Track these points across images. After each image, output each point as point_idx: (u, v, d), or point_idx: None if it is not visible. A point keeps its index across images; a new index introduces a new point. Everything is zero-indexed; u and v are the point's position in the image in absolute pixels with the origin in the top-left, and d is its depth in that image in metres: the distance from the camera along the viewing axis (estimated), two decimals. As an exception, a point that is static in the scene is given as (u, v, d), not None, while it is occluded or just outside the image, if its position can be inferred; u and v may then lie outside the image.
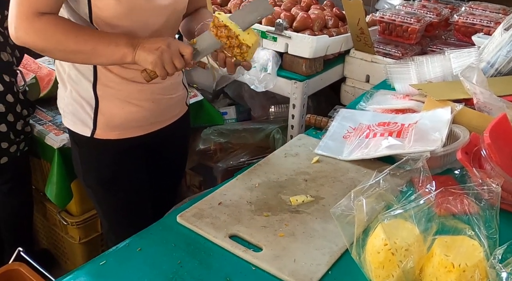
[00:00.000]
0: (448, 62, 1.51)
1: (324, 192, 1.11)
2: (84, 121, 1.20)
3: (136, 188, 1.32)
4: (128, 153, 1.27)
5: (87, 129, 1.20)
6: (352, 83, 2.01)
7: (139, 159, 1.32)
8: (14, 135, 1.59)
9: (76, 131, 1.22)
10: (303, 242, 0.95)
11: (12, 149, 1.60)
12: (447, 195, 0.83)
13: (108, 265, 0.90)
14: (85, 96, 1.18)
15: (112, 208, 1.33)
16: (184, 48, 1.04)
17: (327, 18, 1.99)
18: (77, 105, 1.19)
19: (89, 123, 1.20)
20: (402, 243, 0.78)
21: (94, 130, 1.20)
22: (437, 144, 1.11)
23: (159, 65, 1.01)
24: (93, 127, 1.20)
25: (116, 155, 1.26)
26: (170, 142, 1.38)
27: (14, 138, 1.59)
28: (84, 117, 1.20)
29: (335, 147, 1.28)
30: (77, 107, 1.20)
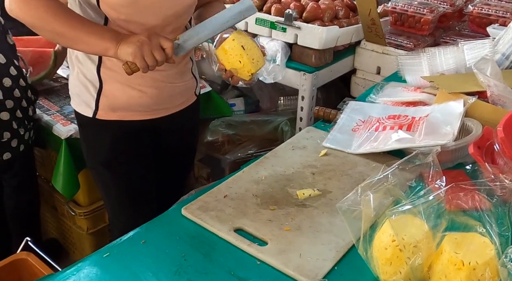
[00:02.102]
0: (461, 54, 1.47)
1: (331, 186, 1.09)
2: (87, 102, 1.22)
3: (138, 173, 1.33)
4: (129, 135, 1.28)
5: (89, 110, 1.23)
6: (363, 75, 1.97)
7: (142, 144, 1.32)
8: (27, 121, 1.60)
9: (80, 112, 1.25)
10: (309, 236, 0.93)
11: (26, 136, 1.61)
12: (458, 191, 0.80)
13: (112, 257, 0.89)
14: (90, 77, 1.20)
15: (114, 191, 1.34)
16: (165, 41, 1.05)
17: (338, 8, 1.95)
18: (82, 86, 1.22)
19: (92, 104, 1.22)
20: (411, 239, 0.76)
21: (96, 110, 1.22)
22: (448, 138, 1.09)
23: (139, 56, 1.03)
24: (95, 108, 1.22)
25: (117, 136, 1.27)
26: (176, 131, 1.38)
27: (27, 125, 1.60)
28: (88, 98, 1.22)
29: (343, 140, 1.26)
30: (82, 89, 1.22)
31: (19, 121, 1.55)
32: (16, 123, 1.54)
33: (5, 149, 1.55)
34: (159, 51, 1.04)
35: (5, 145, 1.54)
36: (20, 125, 1.56)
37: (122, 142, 1.29)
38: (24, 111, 1.57)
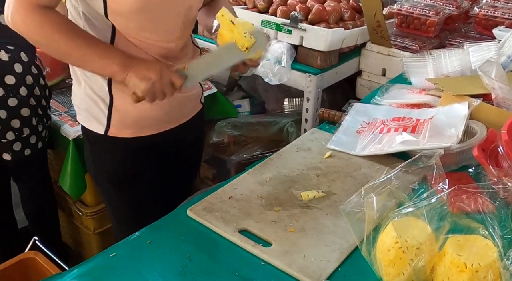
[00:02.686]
0: (466, 56, 1.47)
1: (336, 188, 1.10)
2: (98, 118, 1.18)
3: (147, 189, 1.30)
4: (140, 152, 1.25)
5: (100, 126, 1.19)
6: (368, 76, 1.98)
7: (152, 159, 1.30)
8: (46, 118, 1.62)
9: (90, 128, 1.21)
10: (313, 238, 0.94)
11: (43, 134, 1.63)
12: (461, 193, 0.81)
13: (118, 257, 0.91)
14: (99, 93, 1.15)
15: (122, 206, 1.31)
16: (175, 79, 1.04)
17: (343, 10, 1.96)
18: (91, 101, 1.18)
19: (103, 120, 1.18)
20: (413, 241, 0.77)
21: (107, 127, 1.18)
22: (452, 140, 1.09)
23: (150, 94, 1.02)
24: (106, 125, 1.18)
25: (129, 154, 1.24)
26: (183, 141, 1.35)
27: (45, 122, 1.62)
28: (98, 114, 1.18)
29: (348, 142, 1.26)
30: (91, 104, 1.18)
31: (39, 118, 1.58)
32: (36, 120, 1.57)
33: (26, 145, 1.57)
34: (170, 89, 1.03)
35: (25, 141, 1.56)
36: (40, 122, 1.59)
37: (133, 160, 1.25)
38: (43, 109, 1.60)
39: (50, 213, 1.88)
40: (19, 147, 1.55)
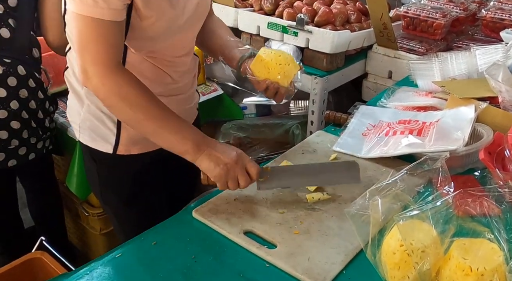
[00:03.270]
0: (473, 59, 1.46)
1: (341, 190, 1.10)
2: (105, 137, 1.13)
3: (155, 205, 1.27)
4: (148, 166, 1.22)
5: (108, 146, 1.13)
6: (374, 79, 1.97)
7: (158, 171, 1.27)
8: (41, 131, 1.62)
9: (96, 148, 1.15)
10: (318, 240, 0.94)
11: (39, 145, 1.64)
12: (466, 197, 0.81)
13: (124, 258, 0.91)
14: (106, 110, 1.09)
15: (131, 223, 1.26)
16: (251, 167, 0.99)
17: (350, 12, 1.95)
18: (96, 120, 1.12)
19: (111, 139, 1.13)
20: (419, 244, 0.77)
21: (116, 146, 1.13)
22: (458, 143, 1.09)
23: (222, 180, 0.98)
24: (115, 143, 1.13)
25: (138, 170, 1.20)
26: None
27: (41, 135, 1.63)
28: (105, 133, 1.13)
29: (353, 144, 1.26)
30: (96, 123, 1.12)
31: (32, 131, 1.58)
32: (28, 133, 1.57)
33: (12, 156, 1.57)
34: (245, 177, 0.98)
35: (12, 152, 1.57)
36: (33, 134, 1.59)
37: (142, 176, 1.22)
38: (39, 122, 1.60)
39: (56, 214, 1.90)
40: (2, 157, 1.55)
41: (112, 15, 0.93)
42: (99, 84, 0.95)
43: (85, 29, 0.93)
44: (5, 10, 1.44)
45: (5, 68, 1.46)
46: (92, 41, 0.93)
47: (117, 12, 0.93)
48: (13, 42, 1.47)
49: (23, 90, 1.52)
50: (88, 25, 0.92)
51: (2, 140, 1.52)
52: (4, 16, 1.44)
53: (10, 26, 1.46)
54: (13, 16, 1.46)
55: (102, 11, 0.91)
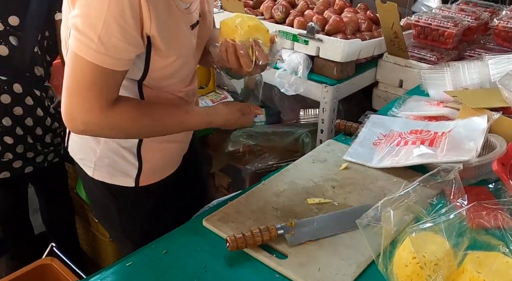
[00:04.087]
0: (486, 69, 1.45)
1: (352, 200, 1.09)
2: (126, 171, 1.10)
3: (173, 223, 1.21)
4: (165, 192, 1.20)
5: (129, 179, 1.10)
6: (385, 87, 1.97)
7: (172, 195, 1.25)
8: (41, 146, 1.63)
9: (115, 183, 1.11)
10: (329, 251, 0.94)
11: (38, 159, 1.65)
12: (481, 209, 0.80)
13: (135, 266, 0.91)
14: (126, 144, 1.07)
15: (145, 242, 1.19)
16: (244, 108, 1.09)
17: (361, 21, 1.95)
18: (115, 156, 1.08)
19: (132, 173, 1.10)
20: (431, 257, 0.76)
21: (138, 178, 1.10)
22: (471, 154, 1.08)
23: None
24: (136, 176, 1.10)
25: (157, 197, 1.18)
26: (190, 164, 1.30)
27: (41, 149, 1.64)
28: (126, 167, 1.09)
29: (364, 154, 1.26)
30: (115, 158, 1.08)
31: (29, 146, 1.59)
32: (25, 148, 1.58)
33: (4, 168, 1.59)
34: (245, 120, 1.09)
35: (5, 164, 1.58)
36: (30, 149, 1.60)
37: (161, 202, 1.20)
38: (38, 138, 1.60)
39: (67, 221, 1.91)
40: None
41: (121, 65, 0.88)
42: (96, 129, 0.91)
43: (86, 74, 0.86)
44: (5, 28, 1.46)
45: None
46: (90, 88, 0.86)
47: (128, 63, 0.89)
48: (11, 60, 1.49)
49: (17, 107, 1.52)
50: (91, 71, 0.85)
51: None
52: (5, 34, 1.46)
53: (10, 44, 1.47)
54: (15, 34, 1.47)
55: (112, 61, 0.85)
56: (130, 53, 0.88)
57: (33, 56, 1.53)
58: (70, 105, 0.88)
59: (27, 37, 1.49)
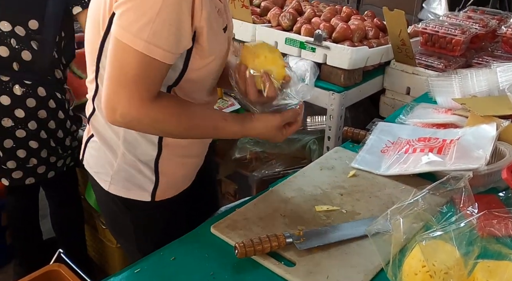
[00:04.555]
0: (494, 76, 1.45)
1: (360, 208, 1.09)
2: (142, 185, 1.08)
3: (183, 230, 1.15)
4: (179, 206, 1.18)
5: (145, 194, 1.08)
6: (392, 95, 1.97)
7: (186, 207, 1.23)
8: (62, 150, 1.65)
9: (131, 197, 1.09)
10: (337, 258, 0.93)
11: (59, 163, 1.66)
12: (491, 218, 0.79)
13: (143, 273, 0.91)
14: (144, 158, 1.05)
15: None
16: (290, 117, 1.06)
17: (368, 29, 1.96)
18: (133, 170, 1.06)
19: (149, 187, 1.08)
20: (441, 265, 0.75)
21: (154, 193, 1.08)
22: (480, 162, 1.07)
23: None
24: (152, 191, 1.08)
25: (172, 211, 1.17)
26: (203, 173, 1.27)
27: (62, 153, 1.65)
28: (142, 182, 1.07)
29: (372, 161, 1.26)
30: (132, 172, 1.06)
31: (51, 150, 1.61)
32: (48, 152, 1.60)
33: (30, 174, 1.61)
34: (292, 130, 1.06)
35: (30, 170, 1.60)
36: (53, 153, 1.62)
37: (175, 216, 1.18)
38: (59, 141, 1.62)
39: (77, 227, 1.92)
40: (20, 175, 1.59)
41: (169, 58, 0.86)
42: (136, 123, 0.89)
43: (131, 64, 0.84)
44: (27, 32, 1.48)
45: (24, 89, 1.50)
46: (135, 80, 0.85)
47: (174, 56, 0.88)
48: (34, 64, 1.50)
49: (42, 111, 1.55)
50: (137, 62, 0.84)
51: (20, 159, 1.56)
52: (26, 38, 1.48)
53: (32, 48, 1.49)
54: (35, 38, 1.49)
55: (162, 53, 0.84)
56: (178, 45, 0.87)
57: (53, 59, 1.55)
58: (112, 95, 0.86)
59: (46, 40, 1.51)
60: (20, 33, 1.46)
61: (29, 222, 1.87)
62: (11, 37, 1.45)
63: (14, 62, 1.48)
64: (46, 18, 1.48)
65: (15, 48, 1.46)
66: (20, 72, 1.49)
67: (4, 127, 1.51)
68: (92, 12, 0.96)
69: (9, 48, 1.46)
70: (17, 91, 1.49)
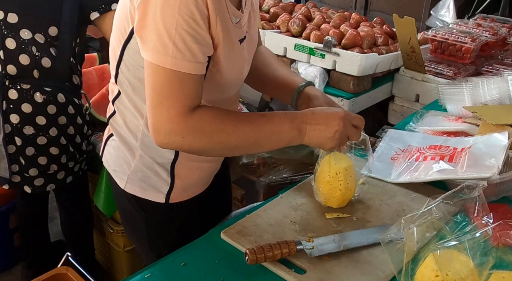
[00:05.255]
0: (505, 84, 1.44)
1: (370, 215, 1.08)
2: (157, 187, 1.08)
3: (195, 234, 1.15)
4: (194, 209, 1.19)
5: (160, 195, 1.09)
6: (401, 102, 1.96)
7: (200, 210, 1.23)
8: (79, 154, 1.66)
9: (146, 198, 1.09)
10: (347, 266, 0.93)
11: (76, 168, 1.68)
12: (507, 228, 0.78)
13: (153, 278, 0.92)
14: (161, 161, 1.06)
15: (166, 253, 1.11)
16: (357, 119, 0.99)
17: (377, 35, 1.96)
18: (149, 171, 1.07)
19: (164, 189, 1.09)
20: (455, 275, 0.75)
21: (169, 195, 1.09)
22: (492, 171, 1.06)
23: (336, 146, 0.98)
24: (167, 193, 1.09)
25: (186, 215, 1.17)
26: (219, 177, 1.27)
27: (78, 158, 1.67)
28: (158, 183, 1.08)
29: (382, 168, 1.25)
30: (149, 173, 1.07)
31: (70, 156, 1.62)
32: (67, 158, 1.62)
33: (50, 180, 1.62)
34: (354, 131, 0.98)
35: (50, 176, 1.61)
36: (71, 159, 1.63)
37: (189, 220, 1.18)
38: (76, 146, 1.64)
39: (86, 231, 1.92)
40: (41, 182, 1.61)
41: (197, 69, 0.87)
42: (179, 139, 0.87)
43: (164, 82, 0.85)
44: (46, 39, 1.48)
45: (45, 96, 1.51)
46: (167, 96, 0.86)
47: (202, 66, 0.88)
48: (53, 70, 1.52)
49: (62, 117, 1.56)
50: (169, 79, 0.85)
51: (41, 166, 1.57)
52: (46, 45, 1.49)
53: (51, 55, 1.50)
54: (54, 45, 1.50)
55: (189, 64, 0.85)
56: (203, 54, 0.88)
57: (71, 64, 1.56)
58: (153, 117, 0.87)
59: (64, 47, 1.52)
60: (40, 40, 1.48)
61: (38, 225, 1.87)
62: (32, 44, 1.47)
63: (35, 69, 1.49)
64: (63, 25, 1.49)
65: (36, 56, 1.48)
66: (40, 79, 1.50)
67: (25, 135, 1.52)
68: (116, 19, 0.98)
69: (30, 55, 1.47)
70: (38, 99, 1.50)
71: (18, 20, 1.45)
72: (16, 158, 1.55)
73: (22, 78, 1.49)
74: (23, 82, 1.49)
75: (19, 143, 1.52)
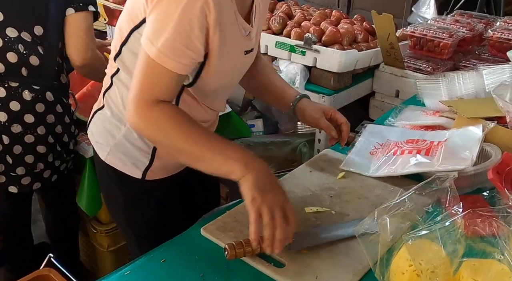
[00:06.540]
0: (481, 79, 1.47)
1: (349, 209, 1.10)
2: (136, 163, 1.13)
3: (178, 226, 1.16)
4: (172, 189, 1.23)
5: (137, 171, 1.14)
6: (381, 97, 1.99)
7: (180, 193, 1.27)
8: (66, 153, 1.66)
9: (124, 172, 1.14)
10: (326, 259, 0.94)
11: (62, 167, 1.67)
12: (476, 217, 0.81)
13: (133, 275, 0.92)
14: (146, 139, 1.10)
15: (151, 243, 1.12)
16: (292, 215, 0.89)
17: (357, 32, 1.98)
18: (131, 146, 1.12)
19: (142, 166, 1.13)
20: (428, 264, 0.77)
21: (145, 172, 1.14)
22: (467, 163, 1.09)
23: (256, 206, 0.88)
24: (144, 170, 1.14)
25: (163, 193, 1.20)
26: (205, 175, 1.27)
27: (65, 157, 1.66)
28: (138, 160, 1.13)
29: (361, 163, 1.27)
30: (130, 149, 1.12)
31: (57, 155, 1.62)
32: (54, 156, 1.61)
33: (36, 179, 1.61)
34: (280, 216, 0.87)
35: (37, 175, 1.60)
36: (58, 158, 1.63)
37: (167, 199, 1.22)
38: (64, 145, 1.63)
39: (71, 231, 1.91)
40: (28, 181, 1.60)
41: (179, 68, 0.91)
42: (140, 122, 0.93)
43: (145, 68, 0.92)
44: (33, 38, 1.48)
45: (33, 94, 1.50)
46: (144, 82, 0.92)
47: (184, 67, 0.92)
48: (41, 69, 1.51)
49: (50, 115, 1.55)
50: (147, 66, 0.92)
51: (28, 164, 1.56)
52: (33, 44, 1.48)
53: (39, 53, 1.49)
54: (41, 44, 1.50)
55: (171, 62, 0.90)
56: (189, 58, 0.92)
57: (58, 63, 1.56)
58: (130, 98, 0.93)
59: (51, 45, 1.51)
60: (27, 39, 1.47)
61: (21, 228, 1.86)
62: (19, 43, 1.46)
63: (23, 67, 1.48)
64: (49, 24, 1.49)
65: (23, 54, 1.47)
66: (29, 78, 1.50)
67: (13, 133, 1.51)
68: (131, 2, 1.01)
69: (17, 53, 1.46)
70: (26, 96, 1.49)
71: (4, 18, 1.45)
72: (3, 157, 1.53)
73: (10, 76, 1.48)
74: (11, 80, 1.48)
75: (6, 141, 1.51)
